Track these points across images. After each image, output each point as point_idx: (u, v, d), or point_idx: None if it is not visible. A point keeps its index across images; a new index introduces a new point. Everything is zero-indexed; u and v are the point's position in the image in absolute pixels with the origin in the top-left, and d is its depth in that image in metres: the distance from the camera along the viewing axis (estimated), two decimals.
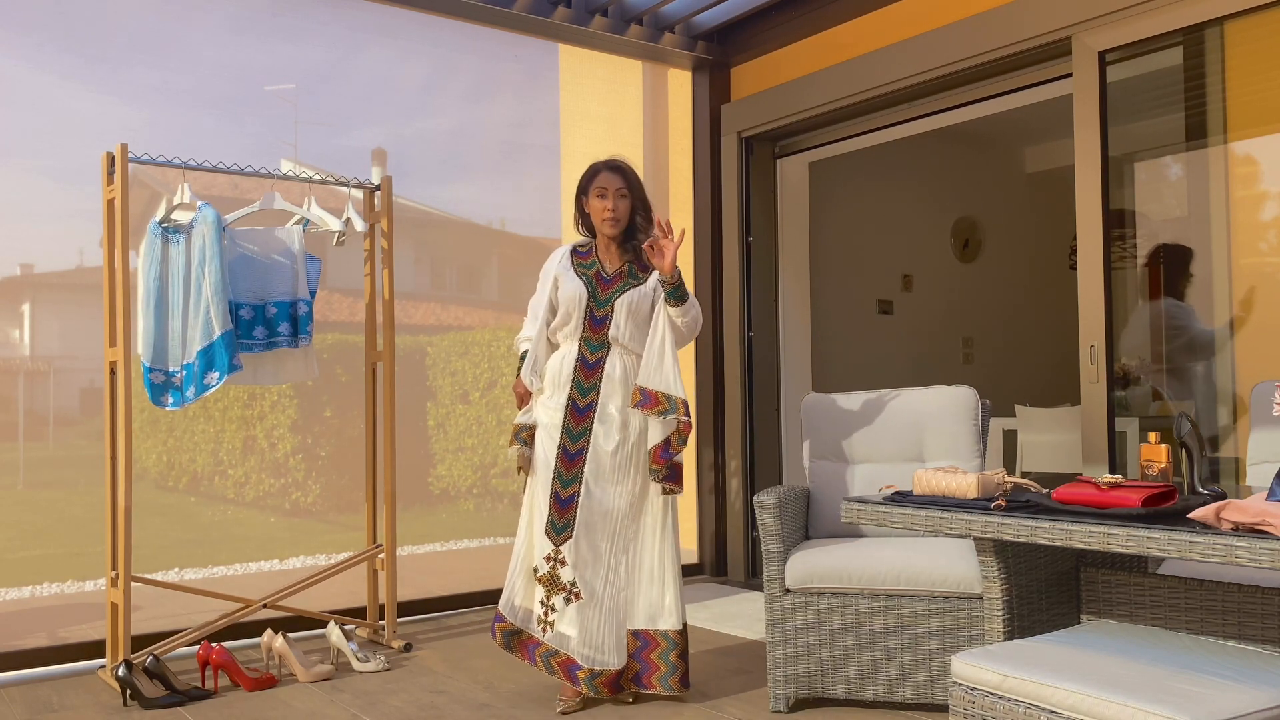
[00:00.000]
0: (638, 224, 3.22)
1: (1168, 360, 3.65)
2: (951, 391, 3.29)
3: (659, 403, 3.07)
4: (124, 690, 3.18)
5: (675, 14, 4.94)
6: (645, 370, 3.10)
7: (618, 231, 3.19)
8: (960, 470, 2.40)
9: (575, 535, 3.09)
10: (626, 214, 3.19)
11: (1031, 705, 1.97)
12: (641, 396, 3.08)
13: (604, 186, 3.17)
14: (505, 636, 3.14)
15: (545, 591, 3.11)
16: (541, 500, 3.13)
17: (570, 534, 3.09)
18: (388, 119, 5.04)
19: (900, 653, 2.91)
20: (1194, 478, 2.31)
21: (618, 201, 3.16)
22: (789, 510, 3.11)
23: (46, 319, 4.45)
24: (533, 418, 3.19)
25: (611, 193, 3.16)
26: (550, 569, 3.11)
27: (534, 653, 3.12)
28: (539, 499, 3.14)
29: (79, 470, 4.35)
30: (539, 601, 3.12)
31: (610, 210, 3.15)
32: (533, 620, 3.13)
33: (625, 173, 3.20)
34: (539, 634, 3.12)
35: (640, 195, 3.22)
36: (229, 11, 4.58)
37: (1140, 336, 3.68)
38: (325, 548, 4.96)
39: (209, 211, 3.51)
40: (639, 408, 3.07)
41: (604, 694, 3.06)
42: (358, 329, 4.22)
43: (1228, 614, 2.31)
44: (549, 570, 3.11)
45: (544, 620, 3.11)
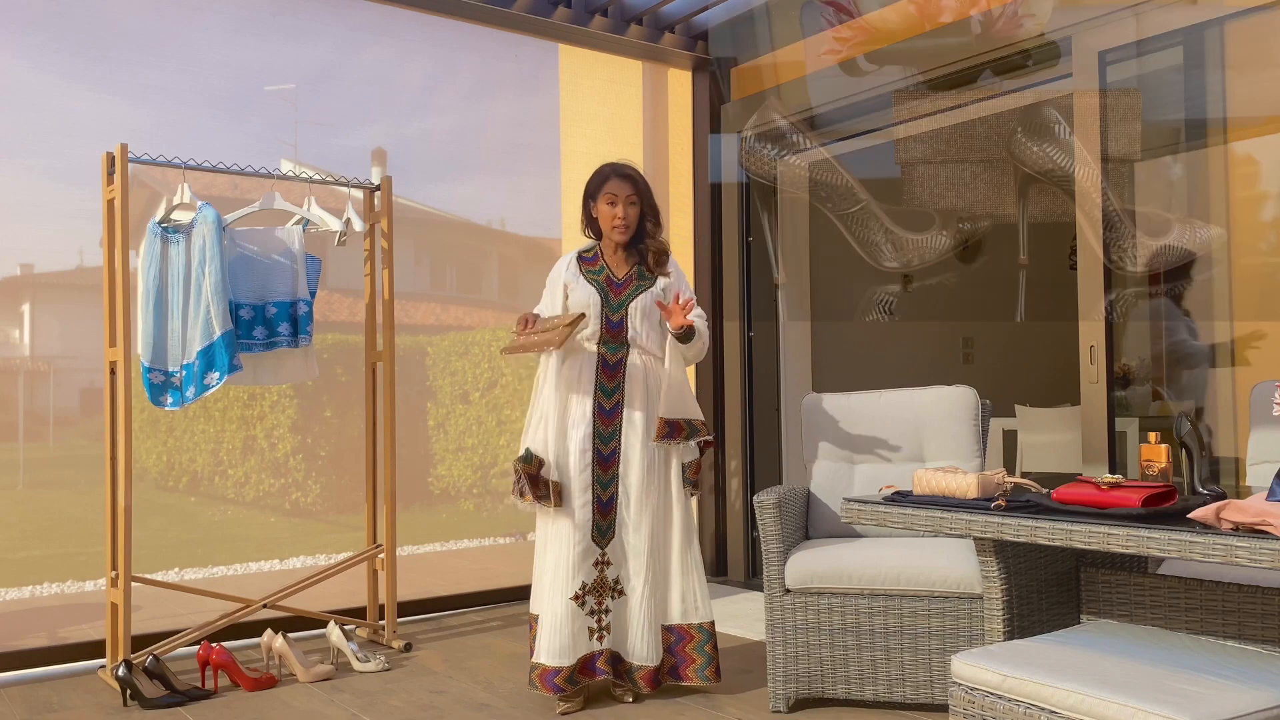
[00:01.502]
0: (647, 229, 3.23)
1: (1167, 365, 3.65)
2: (951, 391, 3.29)
3: (682, 429, 3.15)
4: (124, 690, 3.18)
5: (675, 14, 4.94)
6: (666, 403, 3.14)
7: (627, 238, 3.21)
8: (960, 470, 2.40)
9: (616, 535, 3.15)
10: (636, 221, 3.21)
11: (1031, 705, 1.97)
12: (668, 429, 3.13)
13: (614, 193, 3.18)
14: (568, 680, 3.05)
15: (596, 598, 3.11)
16: (578, 521, 3.10)
17: (614, 535, 3.15)
18: (388, 119, 5.04)
19: (900, 653, 2.90)
20: (1194, 478, 2.31)
21: (628, 209, 3.18)
22: (789, 510, 3.11)
23: (46, 319, 4.45)
24: (536, 453, 3.14)
25: (622, 200, 3.18)
26: (599, 574, 3.12)
27: (596, 666, 3.11)
28: (570, 523, 3.10)
29: (79, 470, 4.35)
30: (588, 614, 3.11)
31: (620, 218, 3.17)
32: (590, 639, 3.11)
33: (635, 180, 3.21)
34: (597, 645, 3.12)
35: (649, 201, 3.24)
36: (229, 11, 4.58)
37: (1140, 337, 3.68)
38: (325, 548, 4.95)
39: (209, 212, 3.51)
40: (665, 440, 3.13)
41: (645, 689, 3.13)
42: (358, 329, 4.22)
43: (1228, 614, 2.31)
44: (598, 575, 3.12)
45: (598, 629, 3.12)
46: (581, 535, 3.09)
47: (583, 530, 3.09)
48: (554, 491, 3.10)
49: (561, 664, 3.03)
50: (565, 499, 3.11)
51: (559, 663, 3.04)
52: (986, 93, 4.17)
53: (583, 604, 3.08)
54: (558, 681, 3.03)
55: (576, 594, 3.07)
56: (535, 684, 3.07)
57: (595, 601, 3.11)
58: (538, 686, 3.06)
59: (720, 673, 3.24)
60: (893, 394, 3.39)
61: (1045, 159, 2.45)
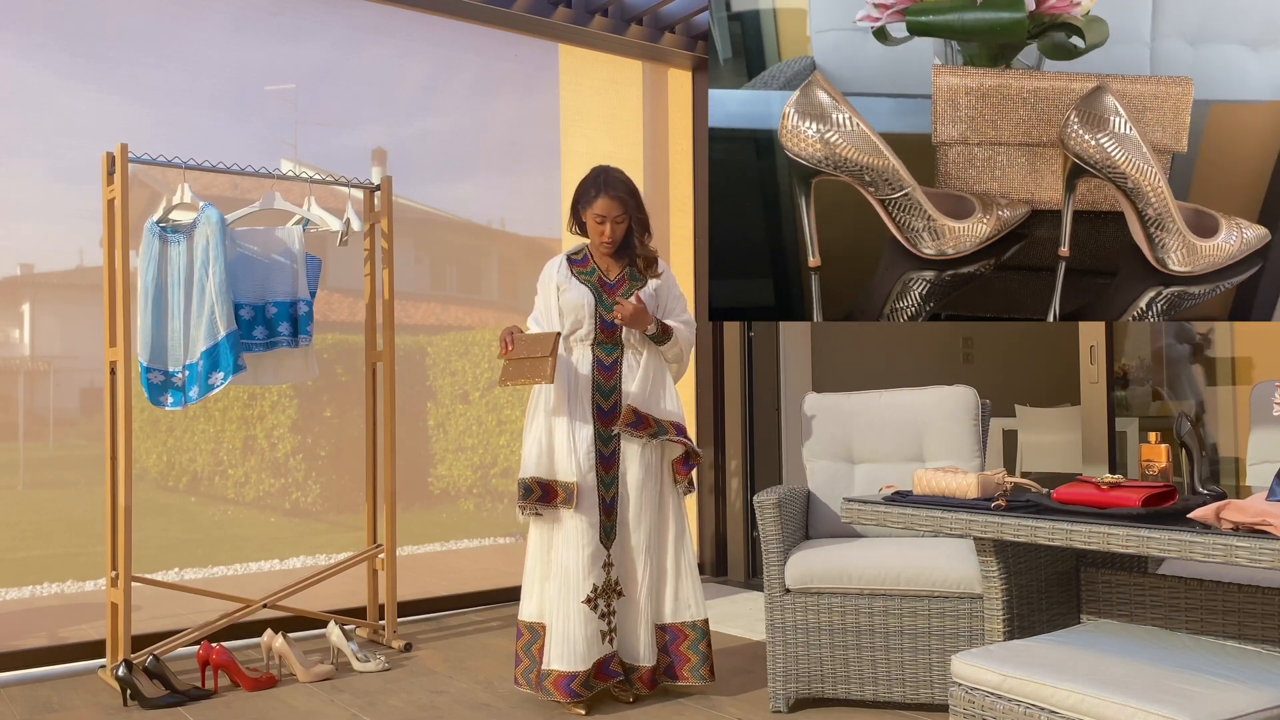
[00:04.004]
0: (633, 243, 3.21)
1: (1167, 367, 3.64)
2: (951, 391, 3.29)
3: (649, 425, 3.13)
4: (124, 690, 3.18)
5: (675, 14, 4.94)
6: (638, 392, 3.14)
7: (613, 252, 3.22)
8: (960, 470, 2.40)
9: (618, 535, 3.14)
10: (623, 235, 3.19)
11: (1031, 705, 1.97)
12: (634, 418, 3.12)
13: (602, 214, 3.14)
14: (584, 684, 3.02)
15: (606, 601, 3.11)
16: (587, 524, 3.08)
17: (616, 536, 3.15)
18: (388, 119, 5.04)
19: (900, 653, 2.90)
20: (1194, 478, 2.31)
21: (615, 228, 3.15)
22: (789, 510, 3.11)
23: (46, 319, 4.45)
24: (541, 476, 3.11)
25: (610, 220, 3.14)
26: (606, 575, 3.12)
27: (609, 669, 3.10)
28: (578, 526, 3.08)
29: (79, 470, 4.35)
30: (600, 617, 3.09)
31: (607, 237, 3.16)
32: (601, 642, 3.09)
33: (624, 200, 3.15)
34: (609, 648, 3.11)
35: (638, 216, 3.19)
36: (229, 11, 4.58)
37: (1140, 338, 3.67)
38: (325, 548, 4.96)
39: (213, 213, 3.51)
40: (629, 430, 3.11)
41: (642, 690, 3.13)
42: (358, 329, 4.22)
43: (1228, 614, 2.31)
44: (605, 577, 3.11)
45: (609, 631, 3.11)
46: (590, 538, 3.08)
47: (591, 533, 3.09)
48: (574, 493, 3.07)
49: (578, 669, 3.00)
50: (578, 500, 3.09)
51: (576, 667, 3.00)
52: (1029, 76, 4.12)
53: (595, 607, 3.07)
54: (574, 687, 2.99)
55: (589, 597, 3.06)
56: (550, 691, 3.02)
57: (605, 604, 3.10)
58: (552, 693, 3.01)
59: (714, 671, 3.23)
60: (893, 394, 3.39)
61: (1098, 150, 2.39)
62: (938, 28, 2.51)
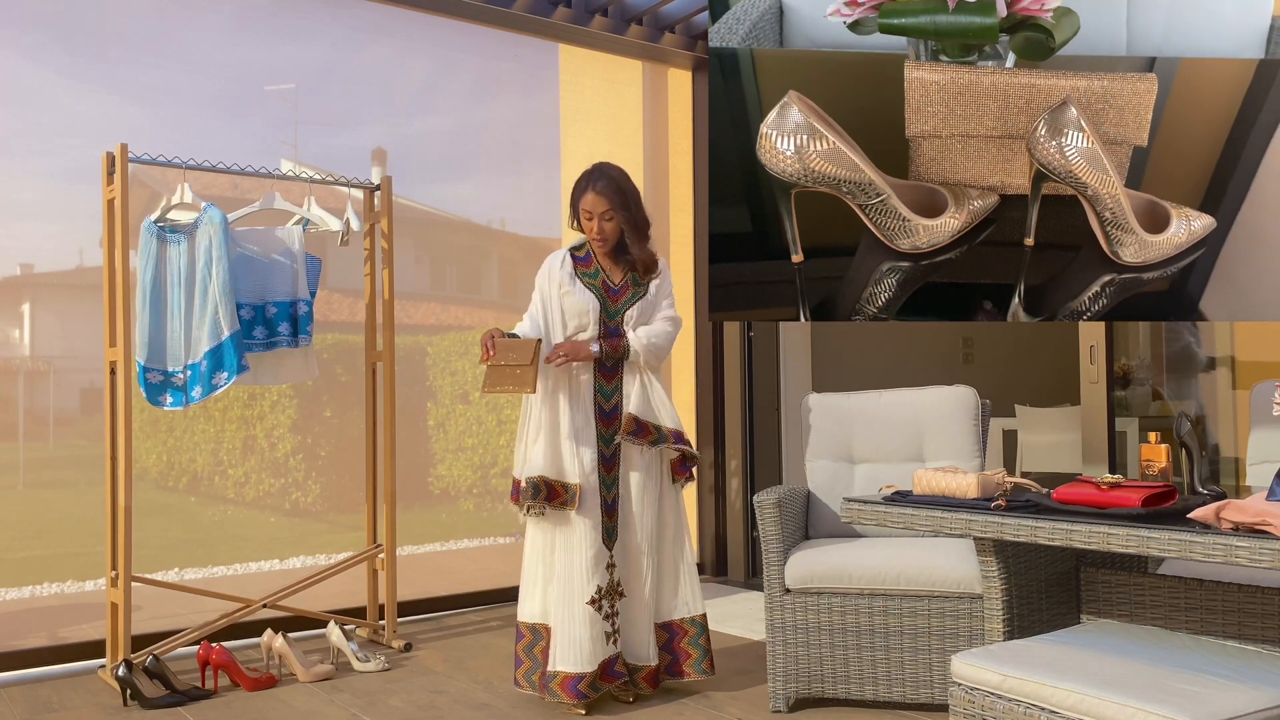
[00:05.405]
0: (626, 245, 3.18)
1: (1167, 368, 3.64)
2: (951, 391, 3.29)
3: (649, 432, 3.15)
4: (124, 690, 3.18)
5: (675, 14, 4.94)
6: (636, 400, 3.15)
7: (608, 250, 3.20)
8: (960, 470, 2.40)
9: (619, 536, 3.14)
10: (615, 233, 3.15)
11: (1031, 705, 1.97)
12: (635, 426, 3.13)
13: (589, 210, 3.12)
14: (591, 686, 3.02)
15: (609, 601, 3.11)
16: (591, 525, 3.08)
17: (617, 536, 3.14)
18: (388, 119, 5.04)
19: (900, 653, 2.91)
20: (1194, 478, 2.31)
21: (603, 224, 3.12)
22: (789, 510, 3.11)
23: (46, 319, 4.45)
24: (538, 467, 3.09)
25: (597, 216, 3.12)
26: (609, 576, 3.11)
27: (614, 670, 3.10)
28: (582, 527, 3.08)
29: (79, 470, 4.35)
30: (604, 618, 3.09)
31: (597, 233, 3.14)
32: (606, 643, 3.08)
33: (610, 195, 3.10)
34: (614, 649, 3.10)
35: (629, 214, 3.13)
36: (229, 11, 4.58)
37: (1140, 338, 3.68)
38: (325, 548, 4.96)
39: (215, 213, 3.51)
40: (630, 438, 3.12)
41: (645, 689, 3.14)
42: (358, 329, 4.22)
43: (1228, 614, 2.32)
44: (609, 578, 3.11)
45: (613, 631, 3.11)
46: (594, 539, 3.07)
47: (595, 534, 3.08)
48: (578, 494, 3.06)
49: (584, 670, 3.00)
50: (580, 501, 3.09)
51: (582, 669, 3.00)
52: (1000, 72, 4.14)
53: (599, 608, 3.06)
54: (581, 688, 2.98)
55: (593, 598, 3.05)
56: (556, 693, 3.01)
57: (609, 605, 3.10)
58: (558, 695, 3.01)
59: (714, 664, 3.25)
60: (893, 394, 3.39)
61: (1062, 161, 2.48)
62: (911, 29, 2.54)
